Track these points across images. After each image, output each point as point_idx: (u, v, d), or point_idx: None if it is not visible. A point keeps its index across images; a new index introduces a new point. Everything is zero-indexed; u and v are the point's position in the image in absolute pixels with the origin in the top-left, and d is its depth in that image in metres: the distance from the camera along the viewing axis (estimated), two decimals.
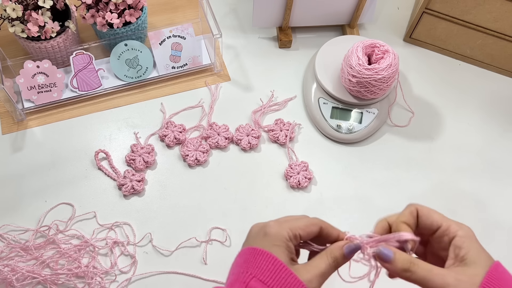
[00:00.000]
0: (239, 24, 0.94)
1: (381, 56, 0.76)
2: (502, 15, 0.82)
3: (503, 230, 0.76)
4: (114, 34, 0.81)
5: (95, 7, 0.79)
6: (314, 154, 0.81)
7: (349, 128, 0.81)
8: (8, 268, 0.66)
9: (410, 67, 0.91)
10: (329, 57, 0.85)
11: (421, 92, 0.88)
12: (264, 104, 0.85)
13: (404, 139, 0.83)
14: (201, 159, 0.78)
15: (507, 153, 0.83)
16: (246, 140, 0.80)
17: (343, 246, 0.45)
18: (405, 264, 0.42)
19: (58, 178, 0.76)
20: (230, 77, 0.88)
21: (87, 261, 0.69)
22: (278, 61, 0.90)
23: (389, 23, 0.97)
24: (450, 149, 0.83)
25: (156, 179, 0.77)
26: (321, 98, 0.83)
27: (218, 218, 0.74)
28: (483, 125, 0.86)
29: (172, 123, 0.81)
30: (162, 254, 0.71)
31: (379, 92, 0.78)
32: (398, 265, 0.43)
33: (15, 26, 0.75)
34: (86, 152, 0.78)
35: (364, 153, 0.82)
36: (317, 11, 0.88)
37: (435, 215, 0.45)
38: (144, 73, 0.84)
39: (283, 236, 0.45)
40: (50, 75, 0.79)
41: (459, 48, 0.91)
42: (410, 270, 0.42)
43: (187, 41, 0.84)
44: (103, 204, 0.74)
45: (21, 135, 0.79)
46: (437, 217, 0.45)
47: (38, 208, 0.73)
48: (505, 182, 0.81)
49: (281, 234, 0.45)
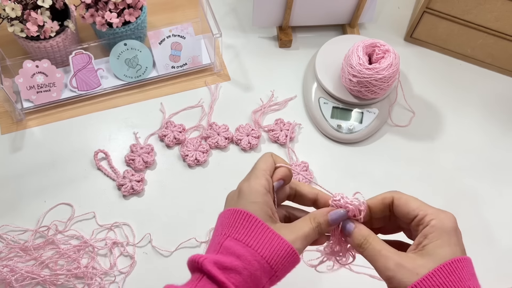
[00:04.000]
0: (239, 24, 0.94)
1: (382, 55, 0.76)
2: (503, 14, 0.81)
3: (503, 230, 0.76)
4: (114, 34, 0.81)
5: (94, 7, 0.79)
6: (314, 154, 0.80)
7: (350, 128, 0.80)
8: (7, 269, 0.66)
9: (411, 66, 0.91)
10: (330, 56, 0.84)
11: (422, 92, 0.88)
12: (264, 104, 0.84)
13: (404, 139, 0.83)
14: (201, 159, 0.77)
15: (508, 153, 0.83)
16: (246, 140, 0.80)
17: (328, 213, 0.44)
18: (359, 239, 0.42)
19: (58, 178, 0.76)
20: (230, 77, 0.87)
21: (87, 261, 0.69)
22: (278, 60, 0.90)
23: (389, 23, 0.96)
24: (451, 149, 0.83)
25: (155, 179, 0.77)
26: (322, 98, 0.82)
27: None
28: (484, 125, 0.86)
29: (171, 123, 0.81)
30: (162, 254, 0.71)
31: (380, 92, 0.78)
32: (354, 240, 0.43)
33: (14, 25, 0.75)
34: (85, 152, 0.78)
35: (364, 153, 0.81)
36: (317, 11, 0.88)
37: (413, 204, 0.42)
38: (143, 72, 0.83)
39: (257, 191, 0.43)
40: (50, 75, 0.79)
41: (460, 48, 0.91)
42: (362, 246, 0.42)
43: (187, 41, 0.84)
44: (103, 205, 0.74)
45: (20, 135, 0.79)
46: (414, 206, 0.42)
47: (37, 208, 0.73)
48: (506, 182, 0.80)
49: (255, 189, 0.43)
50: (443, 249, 0.39)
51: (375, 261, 0.41)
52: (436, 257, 0.39)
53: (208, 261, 0.38)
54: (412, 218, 0.42)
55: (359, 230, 0.43)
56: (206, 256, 0.39)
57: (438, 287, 0.37)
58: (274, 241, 0.40)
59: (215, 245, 0.41)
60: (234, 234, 0.40)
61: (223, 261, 0.39)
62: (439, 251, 0.39)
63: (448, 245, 0.39)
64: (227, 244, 0.40)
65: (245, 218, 0.41)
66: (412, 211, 0.42)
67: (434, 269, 0.38)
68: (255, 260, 0.39)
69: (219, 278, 0.38)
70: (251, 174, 0.45)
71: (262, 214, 0.42)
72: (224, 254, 0.40)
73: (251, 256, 0.39)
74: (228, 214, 0.43)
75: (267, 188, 0.44)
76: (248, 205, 0.42)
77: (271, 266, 0.40)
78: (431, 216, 0.41)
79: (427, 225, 0.40)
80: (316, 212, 0.45)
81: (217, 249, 0.40)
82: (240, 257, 0.39)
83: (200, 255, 0.40)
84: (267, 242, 0.40)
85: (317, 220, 0.44)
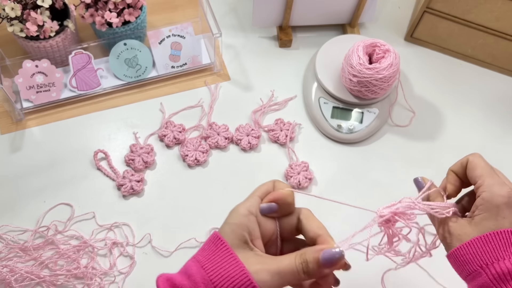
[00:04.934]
0: (239, 23, 0.94)
1: (382, 55, 0.76)
2: (504, 14, 0.81)
3: None
4: (113, 34, 0.80)
5: (94, 6, 0.78)
6: (314, 154, 0.80)
7: (350, 128, 0.80)
8: (7, 269, 0.66)
9: (411, 66, 0.91)
10: (330, 56, 0.84)
11: (422, 91, 0.88)
12: (264, 103, 0.84)
13: (405, 139, 0.83)
14: (201, 159, 0.77)
15: (509, 153, 0.83)
16: (246, 140, 0.79)
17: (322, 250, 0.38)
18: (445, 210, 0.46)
19: (57, 178, 0.75)
20: (230, 77, 0.87)
21: (86, 261, 0.69)
22: (278, 60, 0.90)
23: (390, 22, 0.96)
24: (451, 148, 0.83)
25: (155, 179, 0.77)
26: (322, 97, 0.82)
27: (218, 219, 0.73)
28: (484, 124, 0.86)
29: (171, 123, 0.80)
30: (162, 255, 0.71)
31: (380, 92, 0.78)
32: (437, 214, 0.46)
33: (14, 25, 0.75)
34: (85, 152, 0.78)
35: (364, 153, 0.81)
36: (317, 10, 0.88)
37: (478, 171, 0.46)
38: (143, 72, 0.83)
39: (237, 212, 0.41)
40: (49, 75, 0.79)
41: (460, 48, 0.91)
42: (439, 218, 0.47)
43: (187, 41, 0.84)
44: (102, 205, 0.74)
45: (19, 135, 0.79)
46: (478, 173, 0.46)
47: (37, 209, 0.73)
48: None
49: (235, 210, 0.42)
50: (488, 221, 0.43)
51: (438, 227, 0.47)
52: (481, 228, 0.43)
53: (163, 278, 0.39)
54: (475, 184, 0.46)
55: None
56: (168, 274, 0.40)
57: (472, 254, 0.42)
58: (232, 267, 0.38)
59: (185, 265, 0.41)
60: (198, 255, 0.41)
61: (174, 279, 0.39)
62: (484, 222, 0.43)
63: (494, 218, 0.43)
64: (188, 264, 0.40)
65: (213, 240, 0.41)
66: (475, 177, 0.46)
67: (473, 238, 0.42)
68: (203, 283, 0.38)
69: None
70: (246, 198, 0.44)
71: (232, 237, 0.40)
72: (181, 272, 0.40)
73: (200, 278, 0.38)
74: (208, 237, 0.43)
75: (251, 210, 0.41)
76: (224, 226, 0.41)
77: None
78: (485, 188, 0.44)
79: (479, 195, 0.44)
80: (307, 248, 0.40)
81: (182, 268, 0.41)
82: (190, 277, 0.39)
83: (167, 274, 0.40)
84: (223, 267, 0.38)
85: (304, 257, 0.38)
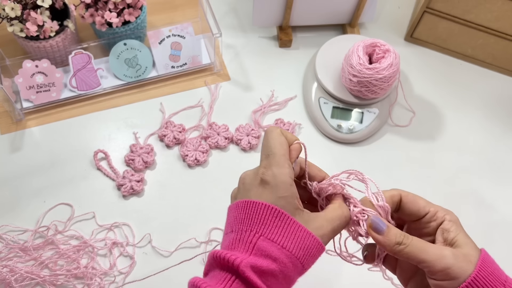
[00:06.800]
0: (239, 23, 0.94)
1: (382, 55, 0.76)
2: (504, 14, 0.81)
3: (504, 230, 0.76)
4: (113, 34, 0.80)
5: (94, 6, 0.78)
6: (314, 154, 0.79)
7: (350, 128, 0.80)
8: (7, 269, 0.66)
9: (411, 66, 0.91)
10: (330, 56, 0.84)
11: (422, 91, 0.88)
12: (264, 103, 0.84)
13: (405, 139, 0.83)
14: (201, 159, 0.77)
15: (509, 153, 0.83)
16: (246, 140, 0.79)
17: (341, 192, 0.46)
18: (398, 237, 0.41)
19: (57, 178, 0.75)
20: (230, 77, 0.87)
21: (86, 261, 0.69)
22: (278, 60, 0.90)
23: (390, 22, 0.96)
24: (451, 149, 0.83)
25: (155, 179, 0.77)
26: (322, 97, 0.82)
27: (218, 219, 0.74)
28: (484, 124, 0.86)
29: (171, 123, 0.80)
30: (162, 255, 0.71)
31: (380, 92, 0.78)
32: (392, 238, 0.41)
33: (14, 25, 0.75)
34: (85, 152, 0.78)
35: (365, 153, 0.81)
36: (317, 10, 0.88)
37: (421, 201, 0.44)
38: (143, 72, 0.83)
39: (284, 183, 0.40)
40: (49, 75, 0.79)
41: (460, 48, 0.91)
42: (403, 242, 0.41)
43: (187, 41, 0.84)
44: (102, 205, 0.74)
45: (19, 135, 0.79)
46: (423, 203, 0.44)
47: (37, 209, 0.73)
48: (507, 182, 0.80)
49: (281, 181, 0.40)
50: (470, 240, 0.42)
51: (425, 253, 0.40)
52: (473, 247, 0.41)
53: (244, 265, 0.37)
54: (423, 215, 0.44)
55: (393, 228, 0.42)
56: (242, 258, 0.37)
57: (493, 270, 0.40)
58: (306, 239, 0.39)
59: (244, 243, 0.39)
60: (267, 234, 0.39)
61: (259, 265, 0.37)
62: (469, 241, 0.42)
63: (469, 237, 0.42)
64: (261, 245, 0.38)
65: (276, 215, 0.39)
66: (422, 208, 0.44)
67: (481, 256, 0.40)
68: (290, 262, 0.38)
69: (257, 285, 0.37)
70: (271, 160, 0.41)
71: (291, 209, 0.40)
72: (259, 256, 0.38)
73: (287, 259, 0.38)
74: (254, 208, 0.40)
75: (292, 177, 0.41)
76: (277, 200, 0.40)
77: (303, 265, 0.39)
78: (443, 212, 0.43)
79: (443, 220, 0.43)
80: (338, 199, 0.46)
81: (249, 250, 0.38)
82: (276, 260, 0.38)
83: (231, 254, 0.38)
84: (300, 242, 0.39)
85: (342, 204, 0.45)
